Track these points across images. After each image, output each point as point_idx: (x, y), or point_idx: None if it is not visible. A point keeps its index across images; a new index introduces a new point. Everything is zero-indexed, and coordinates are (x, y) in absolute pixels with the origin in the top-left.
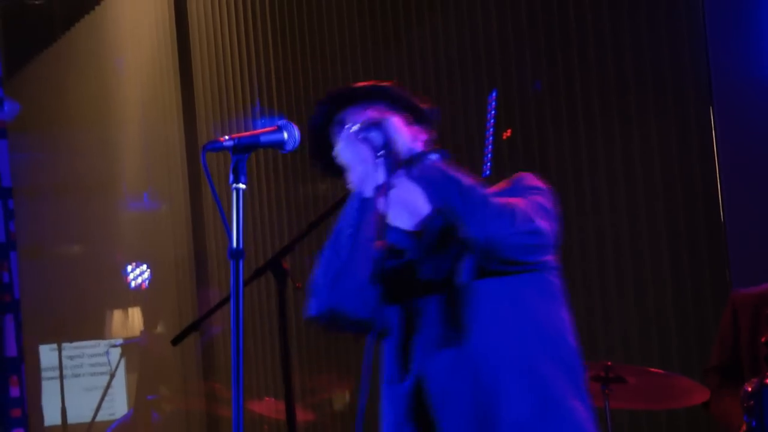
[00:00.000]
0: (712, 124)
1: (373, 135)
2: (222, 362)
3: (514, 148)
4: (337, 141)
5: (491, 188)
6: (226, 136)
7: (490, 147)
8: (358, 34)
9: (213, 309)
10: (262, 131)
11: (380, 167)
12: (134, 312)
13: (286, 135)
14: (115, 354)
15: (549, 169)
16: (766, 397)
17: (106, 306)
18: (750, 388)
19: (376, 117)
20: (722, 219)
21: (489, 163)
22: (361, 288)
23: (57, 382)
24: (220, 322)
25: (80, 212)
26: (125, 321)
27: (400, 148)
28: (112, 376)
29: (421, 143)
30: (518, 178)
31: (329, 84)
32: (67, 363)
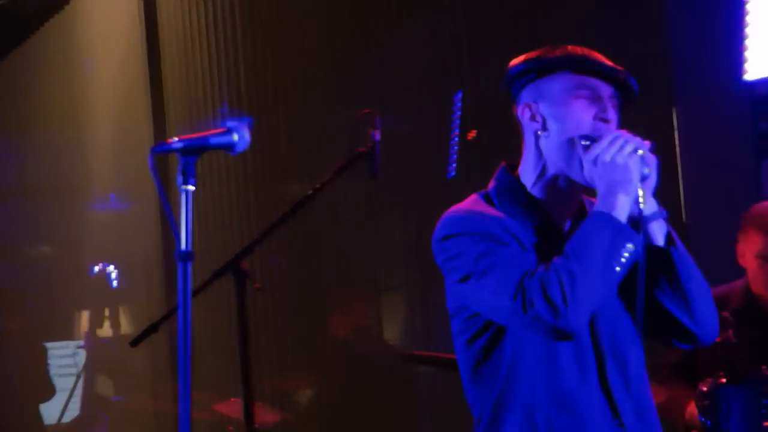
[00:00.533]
0: (675, 127)
1: (647, 172)
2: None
3: (479, 149)
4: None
5: None
6: (175, 138)
7: (455, 148)
8: (327, 37)
9: (171, 311)
10: (212, 133)
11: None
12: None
13: (235, 137)
14: (83, 355)
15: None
16: (720, 397)
17: (74, 307)
18: (705, 388)
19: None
20: (684, 220)
21: (454, 164)
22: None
23: None
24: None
25: (49, 213)
26: (94, 322)
27: (650, 195)
28: (79, 377)
29: None
30: None
31: (298, 83)
32: None
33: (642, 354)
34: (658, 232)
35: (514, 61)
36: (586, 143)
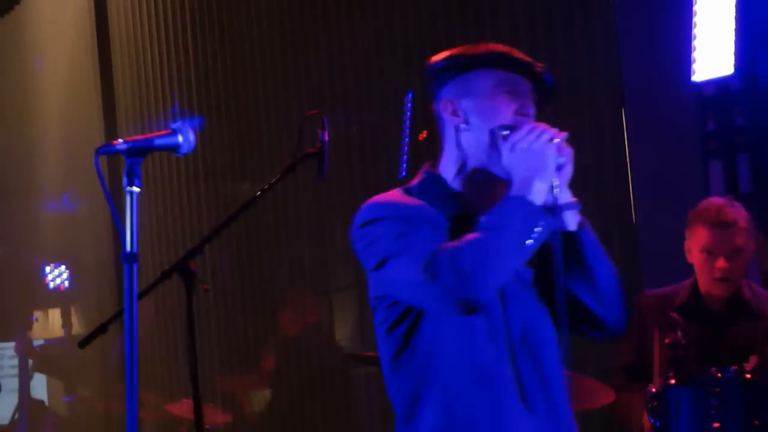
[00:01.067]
0: (624, 127)
1: (562, 161)
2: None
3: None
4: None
5: None
6: (120, 140)
7: (406, 148)
8: (276, 34)
9: (119, 311)
10: (156, 135)
11: (551, 192)
12: (54, 313)
13: (180, 138)
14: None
15: None
16: (669, 398)
17: (25, 307)
18: (654, 389)
19: (566, 146)
20: (634, 220)
21: (405, 164)
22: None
23: None
24: (143, 323)
25: None
26: (45, 322)
27: (565, 185)
28: (31, 378)
29: None
30: None
31: (248, 83)
32: None
33: (557, 352)
34: (571, 221)
35: (435, 58)
36: (505, 133)
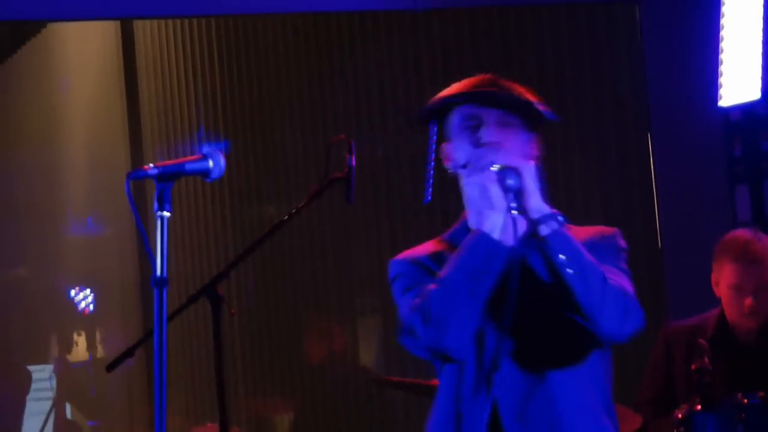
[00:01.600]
0: (650, 152)
1: (511, 183)
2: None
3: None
4: (458, 143)
5: (583, 234)
6: (151, 165)
7: (432, 173)
8: (303, 58)
9: (146, 335)
10: (187, 160)
11: (509, 217)
12: (79, 337)
13: (211, 163)
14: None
15: None
16: (695, 424)
17: (50, 330)
18: (680, 415)
19: (518, 162)
20: (660, 246)
21: (430, 189)
22: (470, 330)
23: None
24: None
25: (24, 236)
26: (70, 346)
27: (532, 204)
28: (55, 401)
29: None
30: (611, 237)
31: (274, 109)
32: None
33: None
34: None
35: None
36: (459, 171)
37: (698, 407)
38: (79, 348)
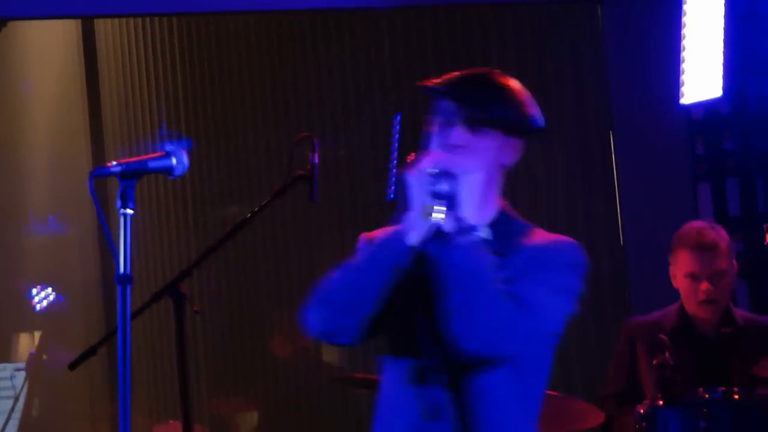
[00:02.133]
0: (612, 150)
1: (443, 189)
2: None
3: None
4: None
5: (538, 238)
6: (114, 162)
7: (394, 170)
8: (265, 57)
9: (110, 333)
10: (150, 157)
11: (429, 221)
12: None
13: (174, 161)
14: (20, 378)
15: None
16: (658, 419)
17: (11, 329)
18: (642, 410)
19: (455, 167)
20: (622, 243)
21: (393, 186)
22: (359, 317)
23: None
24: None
25: None
26: (31, 344)
27: (457, 214)
28: (17, 400)
29: (492, 205)
30: (563, 249)
31: (236, 107)
32: None
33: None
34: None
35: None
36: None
37: (660, 402)
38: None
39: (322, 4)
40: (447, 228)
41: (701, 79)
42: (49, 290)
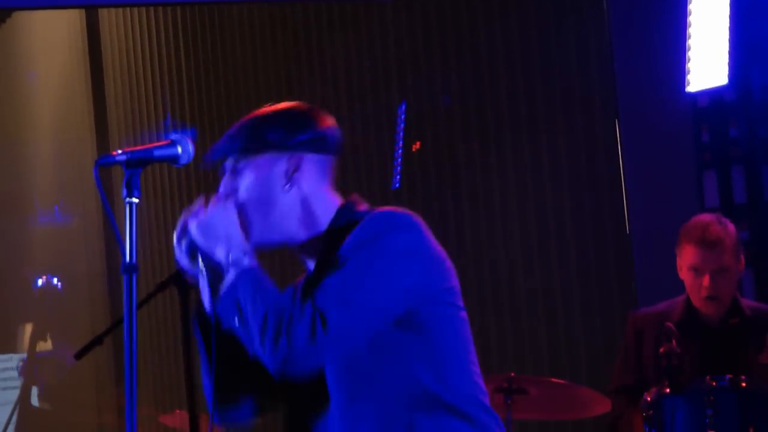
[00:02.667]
0: (618, 138)
1: (187, 244)
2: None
3: (424, 161)
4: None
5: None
6: (119, 150)
7: (399, 159)
8: (269, 49)
9: (116, 323)
10: (155, 145)
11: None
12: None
13: (179, 149)
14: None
15: (459, 182)
16: (665, 407)
17: (17, 320)
18: (649, 398)
19: (188, 219)
20: (628, 232)
21: (398, 176)
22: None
23: None
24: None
25: None
26: (36, 335)
27: (218, 255)
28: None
29: (327, 208)
30: (357, 229)
31: (240, 96)
32: None
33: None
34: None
35: None
36: None
37: (667, 390)
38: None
39: None
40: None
41: (707, 67)
42: (55, 280)
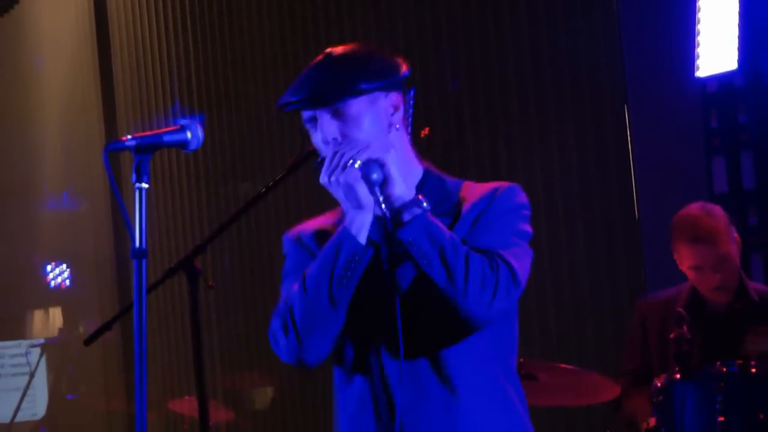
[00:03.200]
0: (627, 123)
1: (376, 176)
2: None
3: (432, 146)
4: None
5: (478, 191)
6: (128, 136)
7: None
8: (278, 32)
9: (125, 309)
10: (165, 130)
11: (378, 211)
12: (55, 312)
13: (189, 134)
14: (35, 354)
15: (467, 167)
16: (674, 393)
17: (26, 306)
18: (659, 384)
19: (378, 153)
20: (637, 217)
21: None
22: (329, 342)
23: None
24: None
25: None
26: (46, 321)
27: (395, 192)
28: (32, 376)
29: (416, 164)
30: (506, 195)
31: (249, 81)
32: None
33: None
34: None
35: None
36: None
37: (677, 376)
38: (55, 323)
39: None
40: (391, 211)
41: (716, 52)
42: (64, 266)
